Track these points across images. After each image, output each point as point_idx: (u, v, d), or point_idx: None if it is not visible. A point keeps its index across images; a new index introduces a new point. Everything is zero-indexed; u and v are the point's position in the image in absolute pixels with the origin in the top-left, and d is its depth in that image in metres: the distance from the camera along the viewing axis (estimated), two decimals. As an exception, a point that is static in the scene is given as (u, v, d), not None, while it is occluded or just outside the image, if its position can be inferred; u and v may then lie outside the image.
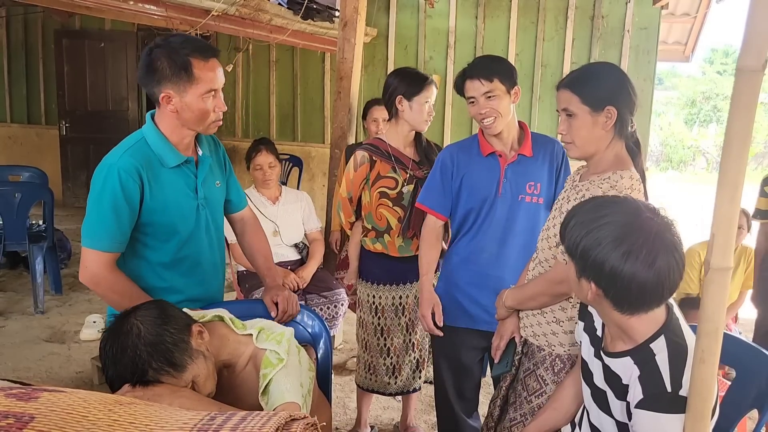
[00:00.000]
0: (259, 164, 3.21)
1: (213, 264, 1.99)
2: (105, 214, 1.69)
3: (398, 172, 2.53)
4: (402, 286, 2.63)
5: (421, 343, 2.69)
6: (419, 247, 2.35)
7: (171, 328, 1.37)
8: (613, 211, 1.27)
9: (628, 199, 1.35)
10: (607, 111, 1.62)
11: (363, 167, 2.56)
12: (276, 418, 0.74)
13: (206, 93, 1.72)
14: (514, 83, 2.08)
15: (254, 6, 3.99)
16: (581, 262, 1.29)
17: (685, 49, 8.15)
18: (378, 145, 2.57)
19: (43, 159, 7.18)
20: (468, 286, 2.22)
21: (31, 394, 0.73)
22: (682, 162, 16.88)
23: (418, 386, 2.75)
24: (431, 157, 2.55)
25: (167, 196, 1.78)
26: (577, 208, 1.36)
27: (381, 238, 2.59)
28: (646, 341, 1.29)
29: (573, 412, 1.62)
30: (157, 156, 1.77)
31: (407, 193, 2.53)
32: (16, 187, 4.50)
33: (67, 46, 7.18)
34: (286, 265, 3.20)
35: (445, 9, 6.17)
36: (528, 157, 2.13)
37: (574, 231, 1.30)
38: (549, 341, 1.81)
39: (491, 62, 2.11)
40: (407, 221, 2.52)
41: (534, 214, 2.12)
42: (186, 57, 1.68)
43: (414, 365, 2.70)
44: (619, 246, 1.22)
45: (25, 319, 4.16)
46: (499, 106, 2.05)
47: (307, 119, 6.84)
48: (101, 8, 3.94)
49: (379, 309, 2.63)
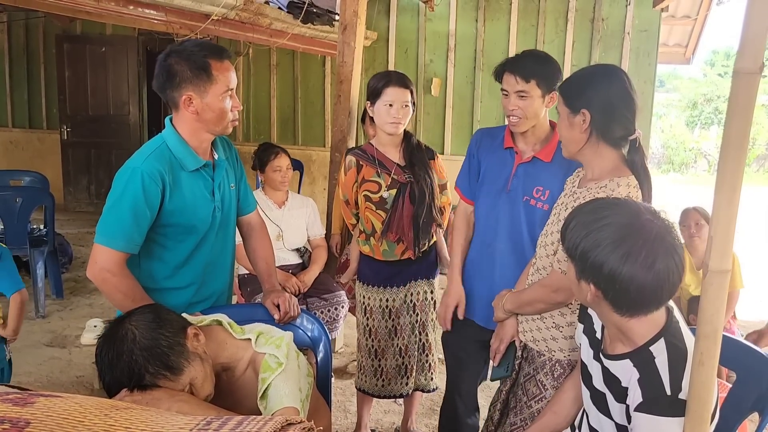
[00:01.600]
0: (278, 166, 3.26)
1: (224, 265, 2.04)
2: (124, 215, 1.73)
3: (382, 176, 2.52)
4: (389, 289, 2.62)
5: (409, 349, 2.65)
6: (451, 235, 2.32)
7: (166, 331, 1.37)
8: (613, 212, 1.27)
9: (629, 201, 1.35)
10: (582, 113, 1.65)
11: (351, 171, 2.58)
12: (272, 423, 0.74)
13: (225, 92, 1.80)
14: (551, 89, 2.00)
15: (254, 10, 3.99)
16: (581, 264, 1.29)
17: (685, 51, 8.15)
18: (366, 149, 2.58)
19: (45, 163, 7.18)
20: (464, 275, 2.24)
21: (27, 400, 0.73)
22: (684, 164, 16.85)
23: (405, 392, 2.70)
24: (415, 161, 2.53)
25: (186, 199, 1.83)
26: (578, 210, 1.36)
27: (368, 240, 2.60)
28: (645, 344, 1.28)
29: (573, 415, 1.62)
30: (178, 160, 1.83)
31: (389, 198, 2.51)
32: (18, 191, 4.50)
33: (68, 50, 7.21)
34: (287, 269, 3.20)
35: (445, 12, 6.18)
36: (544, 162, 2.07)
37: (574, 232, 1.30)
38: (549, 346, 1.81)
39: (535, 62, 2.01)
40: (387, 225, 2.50)
41: (535, 218, 2.07)
42: (204, 58, 1.75)
43: (400, 370, 2.66)
44: (618, 248, 1.22)
45: (26, 323, 4.15)
46: (529, 107, 2.00)
47: (308, 123, 6.85)
48: (102, 13, 3.94)
49: (368, 310, 2.64)
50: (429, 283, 2.68)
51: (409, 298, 2.63)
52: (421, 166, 2.53)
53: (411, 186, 2.51)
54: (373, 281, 2.64)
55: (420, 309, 2.64)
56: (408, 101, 2.46)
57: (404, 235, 2.51)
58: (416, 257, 2.56)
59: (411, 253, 2.54)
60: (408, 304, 2.63)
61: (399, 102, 2.43)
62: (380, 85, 2.45)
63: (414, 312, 2.64)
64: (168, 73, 1.76)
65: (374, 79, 2.51)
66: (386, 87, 2.43)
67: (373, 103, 2.48)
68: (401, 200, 2.50)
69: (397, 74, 2.51)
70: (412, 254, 2.54)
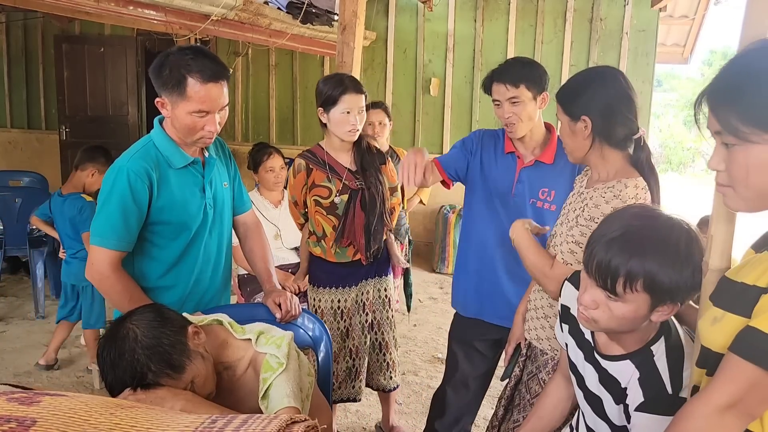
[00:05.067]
0: (271, 167, 3.26)
1: (218, 264, 2.03)
2: (113, 214, 1.75)
3: (332, 181, 2.48)
4: (341, 289, 2.59)
5: (359, 350, 2.62)
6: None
7: (168, 330, 1.38)
8: (656, 230, 1.19)
9: (654, 211, 1.27)
10: (582, 120, 1.64)
11: (300, 175, 2.52)
12: (277, 421, 0.74)
13: (196, 112, 1.75)
14: (542, 89, 2.05)
15: (253, 10, 4.00)
16: (658, 290, 1.16)
17: (683, 51, 8.17)
18: (316, 152, 2.53)
19: (44, 164, 7.17)
20: (474, 274, 2.27)
21: (32, 399, 0.74)
22: (682, 164, 16.88)
23: (355, 396, 2.66)
24: (366, 166, 2.49)
25: (175, 196, 1.84)
26: (610, 244, 1.21)
27: (319, 243, 2.57)
28: (647, 344, 1.28)
29: (557, 418, 1.61)
30: (164, 157, 1.84)
31: (340, 203, 2.48)
32: (17, 192, 4.51)
33: (67, 51, 7.19)
34: (286, 268, 3.20)
35: (443, 12, 6.18)
36: (546, 164, 2.10)
37: (632, 264, 1.16)
38: (552, 345, 1.82)
39: (521, 67, 2.06)
40: (341, 231, 2.48)
41: (544, 219, 2.09)
42: (184, 74, 1.71)
43: (351, 373, 2.63)
44: (687, 260, 1.15)
45: (26, 324, 4.17)
46: (523, 111, 2.03)
47: (307, 123, 6.86)
48: (101, 13, 3.95)
49: (319, 312, 2.60)
50: (381, 281, 2.65)
51: (359, 297, 2.61)
52: (372, 171, 2.50)
53: (362, 192, 2.47)
54: (324, 282, 2.60)
55: (370, 308, 2.62)
56: (363, 106, 2.42)
57: (355, 242, 2.49)
58: (366, 262, 2.55)
59: (362, 257, 2.53)
60: (359, 304, 2.61)
61: (356, 108, 2.39)
62: (336, 93, 2.37)
63: (364, 311, 2.62)
64: (157, 71, 1.77)
65: (327, 85, 2.41)
66: (343, 94, 2.36)
67: (327, 110, 2.41)
68: (352, 207, 2.47)
69: (352, 79, 2.45)
70: (364, 259, 2.53)
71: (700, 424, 1.01)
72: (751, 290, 0.98)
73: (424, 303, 4.95)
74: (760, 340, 0.93)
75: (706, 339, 1.07)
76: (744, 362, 0.95)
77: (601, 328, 1.27)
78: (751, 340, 0.95)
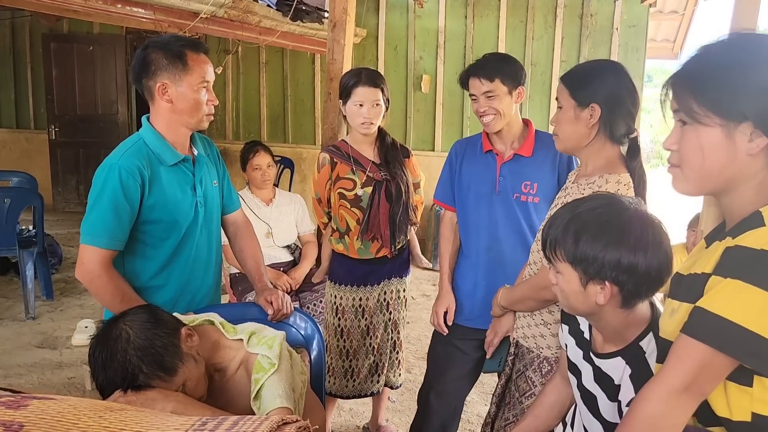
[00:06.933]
0: (257, 164, 3.24)
1: (208, 262, 2.03)
2: (104, 212, 1.74)
3: (357, 173, 2.48)
4: (363, 288, 2.59)
5: (381, 347, 2.64)
6: (439, 243, 2.35)
7: (161, 332, 1.37)
8: (602, 210, 1.24)
9: (599, 196, 1.32)
10: (591, 108, 1.62)
11: (325, 169, 2.53)
12: (268, 423, 0.74)
13: (200, 83, 1.81)
14: (517, 84, 2.06)
15: (243, 8, 3.98)
16: (591, 267, 1.21)
17: (673, 47, 8.20)
18: (340, 146, 2.54)
19: (33, 164, 7.12)
20: (462, 280, 2.25)
21: (20, 402, 0.73)
22: (672, 159, 16.99)
23: (376, 390, 2.69)
24: (390, 159, 2.51)
25: (166, 193, 1.83)
26: (554, 221, 1.30)
27: (342, 239, 2.56)
28: (635, 339, 1.28)
29: (554, 418, 1.62)
30: (156, 155, 1.84)
31: (364, 195, 2.48)
32: (6, 192, 4.46)
33: (55, 49, 7.14)
34: (278, 267, 3.20)
35: (434, 9, 6.18)
36: (525, 157, 2.11)
37: (567, 239, 1.23)
38: (537, 343, 1.83)
39: (496, 62, 2.07)
40: (365, 224, 2.48)
41: (530, 213, 2.11)
42: (180, 48, 1.78)
43: (372, 369, 2.65)
44: (625, 238, 1.18)
45: (16, 325, 4.14)
46: (499, 105, 2.04)
47: (298, 121, 6.84)
48: (90, 12, 3.92)
49: (340, 310, 2.60)
50: (402, 281, 2.66)
51: (382, 296, 2.61)
52: (396, 163, 2.51)
53: (387, 184, 2.48)
54: (346, 280, 2.59)
55: (393, 307, 2.63)
56: (379, 100, 2.41)
57: (381, 234, 2.49)
58: (392, 256, 2.55)
59: (387, 251, 2.53)
60: (381, 303, 2.61)
61: (369, 102, 2.39)
62: (350, 85, 2.40)
63: (387, 311, 2.63)
64: (144, 62, 1.78)
65: (345, 77, 2.47)
66: (356, 87, 2.39)
67: (345, 102, 2.44)
68: (377, 198, 2.47)
69: (368, 72, 2.45)
70: (389, 252, 2.53)
71: (656, 407, 1.03)
72: (701, 277, 1.02)
73: (417, 300, 4.95)
74: (707, 319, 0.96)
75: (664, 331, 1.11)
76: (694, 341, 0.98)
77: (565, 306, 1.34)
78: (699, 320, 0.98)
